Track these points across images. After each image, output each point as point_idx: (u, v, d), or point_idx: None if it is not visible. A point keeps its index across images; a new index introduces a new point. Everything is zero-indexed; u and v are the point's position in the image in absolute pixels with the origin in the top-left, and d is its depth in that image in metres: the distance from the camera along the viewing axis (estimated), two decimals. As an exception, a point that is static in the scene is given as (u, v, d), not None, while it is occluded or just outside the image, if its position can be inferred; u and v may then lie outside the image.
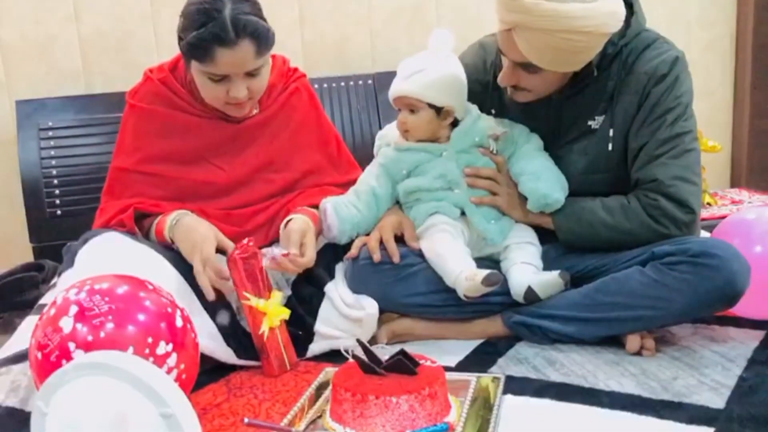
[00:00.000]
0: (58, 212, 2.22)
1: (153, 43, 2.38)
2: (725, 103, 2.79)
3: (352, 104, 2.43)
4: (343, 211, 1.50)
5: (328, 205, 1.49)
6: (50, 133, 2.25)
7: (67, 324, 1.09)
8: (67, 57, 2.34)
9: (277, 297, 1.40)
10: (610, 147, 1.46)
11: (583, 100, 1.48)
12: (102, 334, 1.09)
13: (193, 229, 1.40)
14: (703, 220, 2.25)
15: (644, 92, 1.43)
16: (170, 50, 2.31)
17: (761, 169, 2.74)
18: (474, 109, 1.55)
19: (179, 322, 1.18)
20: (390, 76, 2.43)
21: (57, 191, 2.22)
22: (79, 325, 1.09)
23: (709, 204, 2.47)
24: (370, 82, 2.44)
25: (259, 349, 1.39)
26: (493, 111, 1.58)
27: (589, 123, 1.49)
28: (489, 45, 1.58)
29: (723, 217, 2.34)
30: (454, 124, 1.54)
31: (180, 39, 1.43)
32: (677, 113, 1.42)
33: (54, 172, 2.23)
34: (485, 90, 1.56)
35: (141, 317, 1.13)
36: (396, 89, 1.51)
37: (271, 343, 1.38)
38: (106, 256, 1.34)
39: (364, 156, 1.70)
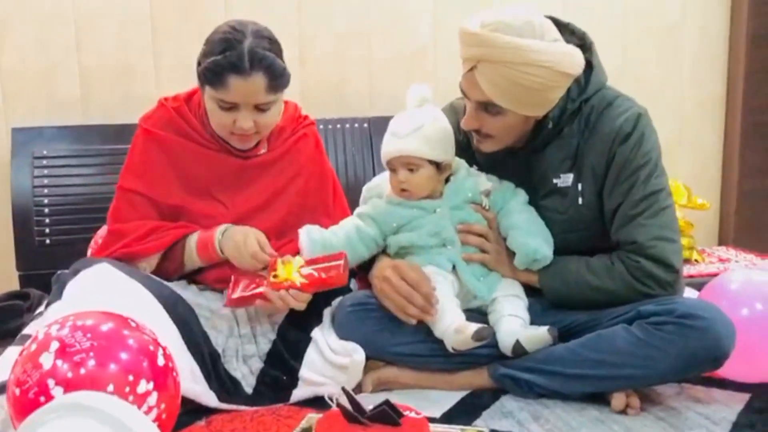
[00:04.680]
0: (47, 241, 2.21)
1: (153, 76, 2.40)
2: (715, 162, 2.83)
3: (347, 146, 2.45)
4: (315, 234, 1.51)
5: (302, 230, 1.51)
6: (44, 162, 2.25)
7: (47, 360, 1.08)
8: (66, 86, 2.35)
9: (282, 260, 1.43)
10: (580, 201, 1.48)
11: (548, 157, 1.50)
12: (82, 371, 1.08)
13: (235, 233, 1.48)
14: (691, 277, 2.27)
15: (611, 152, 1.44)
16: (170, 84, 2.37)
17: (749, 227, 2.77)
18: (463, 163, 1.57)
19: (161, 361, 1.17)
20: (385, 121, 2.46)
21: (47, 220, 2.22)
22: (59, 362, 1.08)
23: (696, 261, 2.48)
24: (366, 125, 2.47)
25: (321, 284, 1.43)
26: (475, 167, 1.59)
27: (555, 181, 1.50)
28: (459, 107, 1.58)
29: (711, 275, 2.36)
30: (446, 179, 1.55)
31: (198, 64, 1.48)
32: (649, 170, 1.44)
33: (45, 200, 2.22)
34: (461, 150, 1.57)
35: (123, 355, 1.12)
36: (395, 148, 1.50)
37: (316, 283, 1.41)
38: (94, 290, 1.34)
39: (357, 198, 1.71)
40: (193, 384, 1.36)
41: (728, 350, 1.33)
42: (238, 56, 1.41)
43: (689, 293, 1.67)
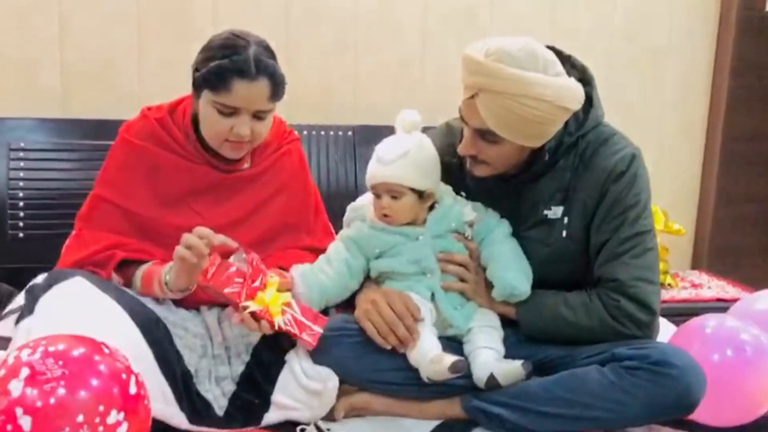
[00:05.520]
0: (20, 235, 2.17)
1: (135, 73, 2.36)
2: (692, 188, 2.86)
3: (330, 154, 2.43)
4: (310, 278, 1.50)
5: (295, 274, 1.49)
6: (21, 154, 2.20)
7: (16, 388, 1.06)
8: (47, 79, 2.30)
9: (273, 282, 1.40)
10: (564, 233, 1.49)
11: (540, 188, 1.51)
12: (52, 401, 1.06)
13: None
14: (664, 302, 2.30)
15: (603, 188, 1.46)
16: (152, 82, 2.33)
17: (722, 254, 2.81)
18: (449, 191, 1.56)
19: (133, 389, 1.15)
20: (370, 129, 2.44)
21: (21, 213, 2.17)
22: (28, 390, 1.06)
23: (670, 285, 2.52)
24: (350, 133, 2.45)
25: (292, 335, 1.40)
26: (463, 194, 1.59)
27: (545, 212, 1.51)
28: (456, 128, 1.58)
29: (684, 301, 2.40)
30: (431, 205, 1.54)
31: (197, 70, 1.46)
32: (638, 211, 1.45)
33: (20, 194, 2.18)
34: (452, 172, 1.57)
35: (94, 383, 1.10)
36: (378, 174, 1.50)
37: (294, 325, 1.38)
38: (67, 307, 1.31)
39: (337, 207, 1.70)
40: (164, 405, 1.34)
41: (698, 399, 1.35)
42: (245, 61, 1.41)
43: (664, 325, 1.69)
